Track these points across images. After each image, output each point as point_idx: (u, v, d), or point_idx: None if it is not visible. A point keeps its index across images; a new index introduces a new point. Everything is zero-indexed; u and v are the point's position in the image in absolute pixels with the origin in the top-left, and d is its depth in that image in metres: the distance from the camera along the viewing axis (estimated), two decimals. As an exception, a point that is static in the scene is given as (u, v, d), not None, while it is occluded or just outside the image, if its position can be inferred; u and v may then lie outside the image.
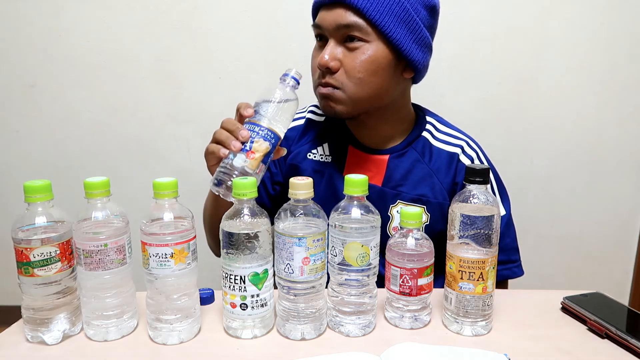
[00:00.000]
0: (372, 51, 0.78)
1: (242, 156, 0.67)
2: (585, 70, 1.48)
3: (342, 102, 0.80)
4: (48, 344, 0.61)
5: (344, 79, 0.79)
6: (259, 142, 0.68)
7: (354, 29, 0.77)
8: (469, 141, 0.91)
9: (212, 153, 0.71)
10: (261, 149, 0.68)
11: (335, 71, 0.79)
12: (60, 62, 1.49)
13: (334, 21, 0.77)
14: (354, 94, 0.80)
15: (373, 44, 0.78)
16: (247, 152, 0.67)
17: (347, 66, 0.78)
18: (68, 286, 0.62)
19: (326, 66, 0.78)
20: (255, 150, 0.67)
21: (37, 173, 1.57)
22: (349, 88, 0.79)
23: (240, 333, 0.63)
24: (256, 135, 0.68)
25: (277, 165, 0.96)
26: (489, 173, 0.63)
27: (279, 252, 0.61)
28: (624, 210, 1.60)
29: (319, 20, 0.81)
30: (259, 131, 0.68)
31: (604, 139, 1.53)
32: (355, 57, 0.78)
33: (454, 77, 1.46)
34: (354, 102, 0.81)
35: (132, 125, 1.54)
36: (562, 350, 0.61)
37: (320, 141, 0.92)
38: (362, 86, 0.79)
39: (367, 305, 0.64)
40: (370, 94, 0.81)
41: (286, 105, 0.70)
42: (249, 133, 0.68)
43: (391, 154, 0.89)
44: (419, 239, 0.65)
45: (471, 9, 1.42)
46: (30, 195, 0.58)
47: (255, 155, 0.67)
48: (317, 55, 0.82)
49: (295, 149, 0.93)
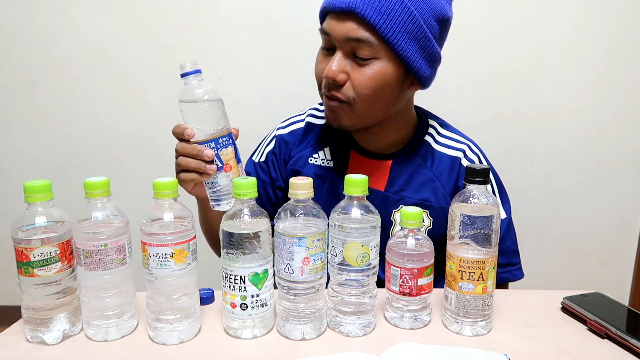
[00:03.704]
0: (381, 68, 0.75)
1: (222, 174, 0.70)
2: (585, 70, 1.48)
3: (349, 116, 0.79)
4: (48, 344, 0.61)
5: (352, 94, 0.76)
6: (224, 153, 0.70)
7: (364, 45, 0.73)
8: (470, 145, 0.90)
9: (191, 181, 0.73)
10: (230, 156, 0.70)
11: (342, 84, 0.76)
12: (60, 62, 1.49)
13: (344, 33, 0.74)
14: (361, 110, 0.78)
15: (383, 61, 0.75)
16: (223, 167, 0.70)
17: (355, 81, 0.75)
18: (68, 286, 0.62)
19: (333, 79, 0.75)
20: (227, 161, 0.70)
21: (37, 173, 1.57)
22: (357, 104, 0.77)
23: (240, 333, 0.63)
24: (217, 149, 0.69)
25: (276, 170, 0.95)
26: (489, 173, 0.63)
27: (279, 252, 0.61)
28: (624, 210, 1.60)
29: (327, 28, 0.76)
30: (216, 144, 0.69)
31: (603, 139, 1.54)
32: (363, 73, 0.75)
33: (454, 77, 1.46)
34: (360, 117, 0.79)
35: (132, 125, 1.54)
36: (562, 350, 0.61)
37: (321, 145, 0.91)
38: (370, 103, 0.77)
39: (367, 305, 0.64)
40: (378, 110, 0.79)
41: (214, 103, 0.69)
42: (212, 151, 0.69)
43: (394, 159, 0.88)
44: (419, 239, 0.65)
45: (471, 9, 1.42)
46: (30, 195, 0.58)
47: (231, 164, 0.70)
48: (322, 62, 0.79)
49: (295, 153, 0.93)
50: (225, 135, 0.70)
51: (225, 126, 0.71)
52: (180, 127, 0.71)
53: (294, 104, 1.14)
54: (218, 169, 0.70)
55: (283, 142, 0.95)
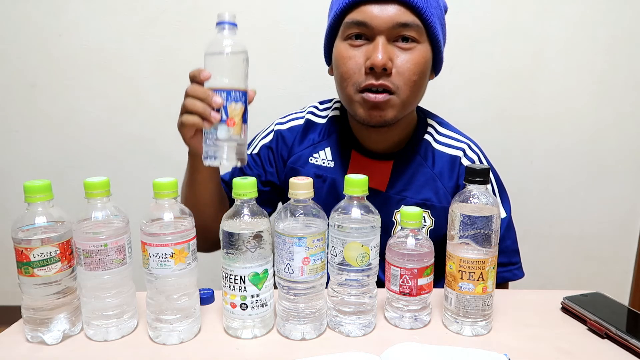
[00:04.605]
0: (424, 52, 0.76)
1: (224, 127, 0.66)
2: (585, 70, 1.48)
3: (394, 108, 0.77)
4: (48, 344, 0.61)
5: (399, 82, 0.75)
6: (232, 106, 0.66)
7: (411, 29, 0.73)
8: (470, 144, 0.90)
9: (191, 125, 0.69)
10: (237, 112, 0.67)
11: (390, 73, 0.74)
12: (60, 62, 1.49)
13: (390, 19, 0.73)
14: (407, 98, 0.77)
15: (424, 45, 0.75)
16: (227, 121, 0.66)
17: (401, 67, 0.74)
18: (68, 286, 0.62)
19: (384, 66, 0.73)
20: (233, 116, 0.66)
21: (37, 173, 1.57)
22: (403, 92, 0.76)
23: (240, 333, 0.63)
24: (227, 100, 0.66)
25: (272, 164, 0.93)
26: (489, 173, 0.63)
27: (279, 252, 0.61)
28: (624, 210, 1.60)
29: (365, 17, 0.74)
30: (227, 95, 0.66)
31: (603, 139, 1.54)
32: (409, 59, 0.74)
33: (454, 77, 1.46)
34: (403, 107, 0.78)
35: (132, 125, 1.54)
36: (562, 350, 0.61)
37: (322, 145, 0.91)
38: (415, 89, 0.77)
39: (367, 305, 0.64)
40: (417, 98, 0.79)
41: (238, 56, 0.67)
42: (221, 99, 0.66)
43: (395, 159, 0.87)
44: (419, 239, 0.65)
45: (471, 9, 1.42)
46: (30, 195, 0.58)
47: (236, 120, 0.66)
48: (353, 56, 0.76)
49: (296, 151, 0.92)
50: (240, 91, 0.67)
51: (242, 85, 0.68)
52: (197, 69, 0.69)
53: (293, 104, 1.14)
54: (222, 120, 0.66)
55: (281, 137, 0.94)
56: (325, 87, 1.04)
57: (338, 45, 0.80)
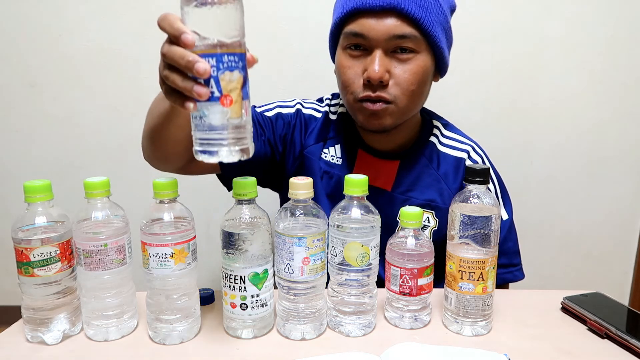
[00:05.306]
0: (423, 61, 0.76)
1: (217, 107, 0.47)
2: (585, 70, 1.48)
3: (392, 116, 0.78)
4: (48, 344, 0.61)
5: (397, 92, 0.75)
6: (226, 77, 0.47)
7: (408, 40, 0.73)
8: (474, 146, 0.90)
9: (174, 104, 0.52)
10: (235, 85, 0.48)
11: (387, 84, 0.75)
12: (60, 62, 1.49)
13: (387, 31, 0.72)
14: (405, 107, 0.77)
15: (422, 54, 0.75)
16: (221, 99, 0.47)
17: (398, 78, 0.75)
18: (68, 286, 0.62)
19: (380, 80, 0.73)
20: (228, 91, 0.47)
21: (37, 173, 1.57)
22: (401, 101, 0.76)
23: (240, 333, 0.63)
24: (218, 69, 0.47)
25: (281, 136, 0.86)
26: (489, 173, 0.63)
27: (279, 252, 0.61)
28: (624, 210, 1.60)
29: (362, 29, 0.74)
30: (218, 62, 0.47)
31: (603, 139, 1.54)
32: (407, 69, 0.75)
33: (454, 77, 1.46)
34: (402, 114, 0.78)
35: (132, 125, 1.53)
36: (562, 350, 0.61)
37: (333, 142, 0.90)
38: (414, 98, 0.77)
39: (367, 305, 0.64)
40: (418, 104, 0.80)
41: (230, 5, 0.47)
42: (208, 65, 0.46)
43: (401, 160, 0.87)
44: (419, 239, 0.65)
45: (471, 10, 1.42)
46: (30, 195, 0.58)
47: (233, 97, 0.48)
48: (352, 66, 0.77)
49: (310, 142, 0.89)
50: (235, 53, 0.47)
51: (237, 41, 0.48)
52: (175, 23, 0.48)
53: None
54: (212, 97, 0.47)
55: (303, 119, 0.91)
56: (326, 87, 1.04)
57: (339, 53, 0.80)
